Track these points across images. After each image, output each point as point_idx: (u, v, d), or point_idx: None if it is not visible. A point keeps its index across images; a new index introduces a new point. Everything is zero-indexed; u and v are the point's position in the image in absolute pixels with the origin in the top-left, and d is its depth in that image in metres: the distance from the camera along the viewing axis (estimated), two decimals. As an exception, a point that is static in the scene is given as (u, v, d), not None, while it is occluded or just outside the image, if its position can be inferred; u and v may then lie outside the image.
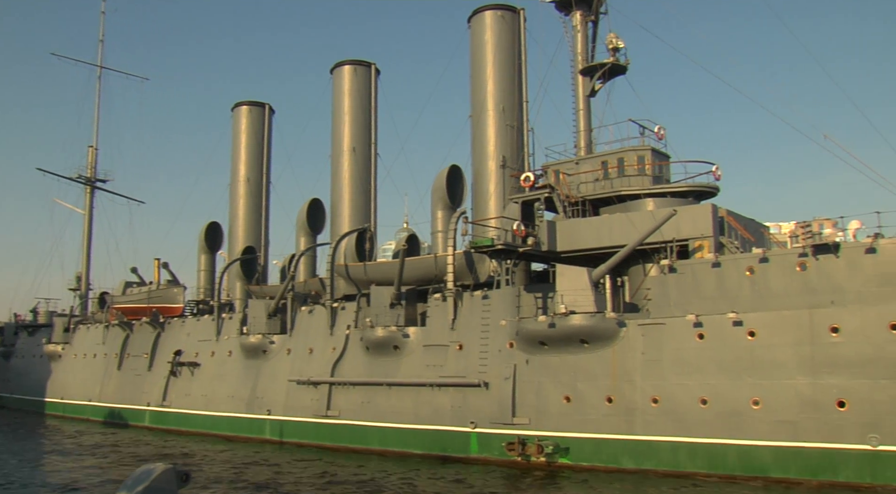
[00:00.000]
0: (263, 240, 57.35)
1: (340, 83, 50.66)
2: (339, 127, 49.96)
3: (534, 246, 33.46)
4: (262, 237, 57.39)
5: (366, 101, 50.56)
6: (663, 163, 36.20)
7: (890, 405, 25.46)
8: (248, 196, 57.33)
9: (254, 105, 59.34)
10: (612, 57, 38.69)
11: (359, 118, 50.00)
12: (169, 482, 7.47)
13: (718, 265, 28.88)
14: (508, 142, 40.69)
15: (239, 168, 58.02)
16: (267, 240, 57.85)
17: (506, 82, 41.76)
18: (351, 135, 49.60)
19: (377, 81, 51.71)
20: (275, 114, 60.39)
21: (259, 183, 58.20)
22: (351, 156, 49.15)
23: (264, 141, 58.87)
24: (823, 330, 26.65)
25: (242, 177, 57.62)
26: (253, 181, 57.81)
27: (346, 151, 49.25)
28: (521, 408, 32.47)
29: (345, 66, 50.80)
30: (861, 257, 26.26)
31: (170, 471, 7.52)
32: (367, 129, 50.32)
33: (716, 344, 28.38)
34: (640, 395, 29.69)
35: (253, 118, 58.83)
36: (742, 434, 27.66)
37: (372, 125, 50.74)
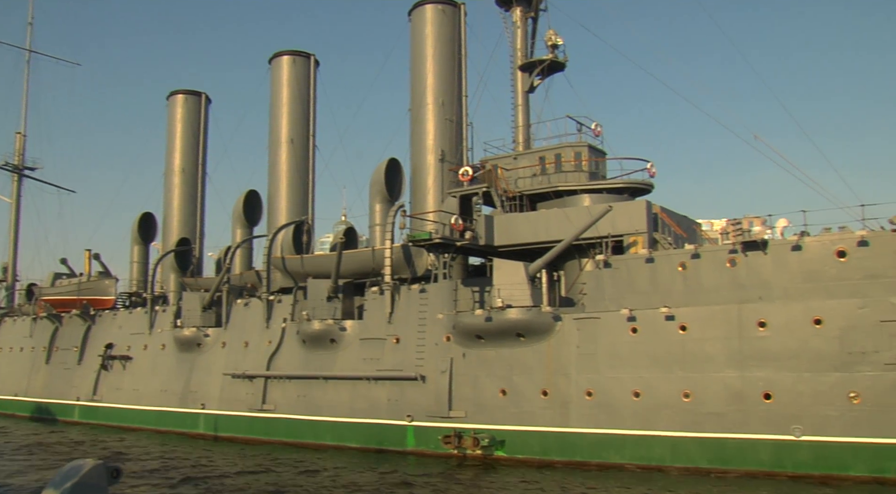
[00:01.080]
0: (198, 232, 56.46)
1: (279, 74, 50.14)
2: (277, 118, 49.46)
3: (471, 240, 33.62)
4: (198, 228, 56.50)
5: (304, 93, 50.15)
6: (599, 160, 36.73)
7: (812, 397, 26.31)
8: (183, 186, 56.36)
9: (190, 94, 58.29)
10: (551, 53, 39.06)
11: (297, 109, 49.57)
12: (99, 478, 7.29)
13: (652, 260, 29.43)
14: (447, 136, 40.82)
15: (174, 158, 56.96)
16: (202, 231, 57.00)
17: (446, 76, 41.85)
18: (289, 126, 49.14)
19: (316, 73, 51.36)
20: (211, 104, 59.43)
21: (194, 173, 57.24)
22: (289, 148, 48.69)
23: (200, 131, 57.89)
24: (751, 324, 27.38)
25: (177, 168, 56.59)
26: (188, 171, 56.83)
27: (283, 143, 48.78)
28: (458, 401, 32.64)
29: (283, 56, 50.30)
30: (787, 254, 27.05)
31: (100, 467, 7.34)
32: (305, 121, 49.92)
33: (648, 338, 28.94)
34: (574, 388, 30.11)
35: (189, 107, 57.78)
36: (673, 426, 28.28)
37: (310, 117, 50.34)
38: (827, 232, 27.07)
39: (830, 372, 26.13)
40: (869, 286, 25.78)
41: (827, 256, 26.43)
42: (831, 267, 26.32)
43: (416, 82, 42.20)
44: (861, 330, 25.85)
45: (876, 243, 25.79)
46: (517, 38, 40.08)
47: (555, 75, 39.92)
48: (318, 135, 50.69)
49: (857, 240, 26.02)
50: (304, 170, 49.09)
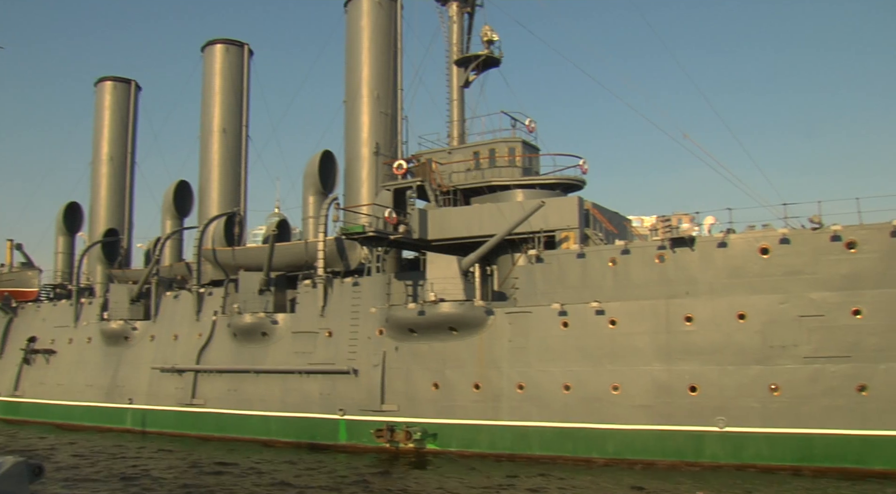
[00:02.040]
0: (127, 222, 55.11)
1: (211, 62, 49.23)
2: (209, 107, 48.57)
3: (405, 233, 33.60)
4: (126, 219, 55.14)
5: (237, 82, 49.36)
6: (533, 156, 37.06)
7: (736, 389, 27.07)
8: (112, 176, 54.93)
9: (119, 81, 56.80)
10: (487, 49, 39.20)
11: (230, 99, 48.76)
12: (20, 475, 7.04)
13: (583, 256, 29.85)
14: (382, 130, 40.64)
15: (101, 146, 55.45)
16: (131, 222, 55.64)
17: (381, 69, 41.64)
18: (221, 116, 48.31)
19: (250, 62, 50.55)
20: (141, 92, 58.05)
21: (123, 162, 55.82)
22: (221, 138, 47.89)
23: (129, 119, 56.49)
24: (678, 319, 28.02)
25: (105, 156, 55.12)
26: (117, 160, 55.41)
27: (215, 132, 47.95)
28: (390, 395, 32.65)
29: (216, 45, 49.37)
30: (713, 251, 27.73)
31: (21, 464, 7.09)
32: (238, 111, 49.14)
33: (579, 332, 29.36)
34: (506, 382, 30.39)
35: (117, 95, 56.32)
36: (602, 418, 28.78)
37: (243, 107, 49.55)
38: (751, 229, 27.82)
39: (753, 365, 26.93)
40: (790, 282, 26.62)
41: (751, 253, 27.18)
42: (755, 264, 27.07)
43: (351, 74, 41.89)
44: (782, 325, 26.68)
45: (797, 241, 26.62)
46: (453, 33, 40.10)
47: (490, 71, 40.11)
48: (251, 125, 49.96)
49: (779, 238, 26.82)
50: (236, 160, 48.35)
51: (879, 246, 25.67)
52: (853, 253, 25.91)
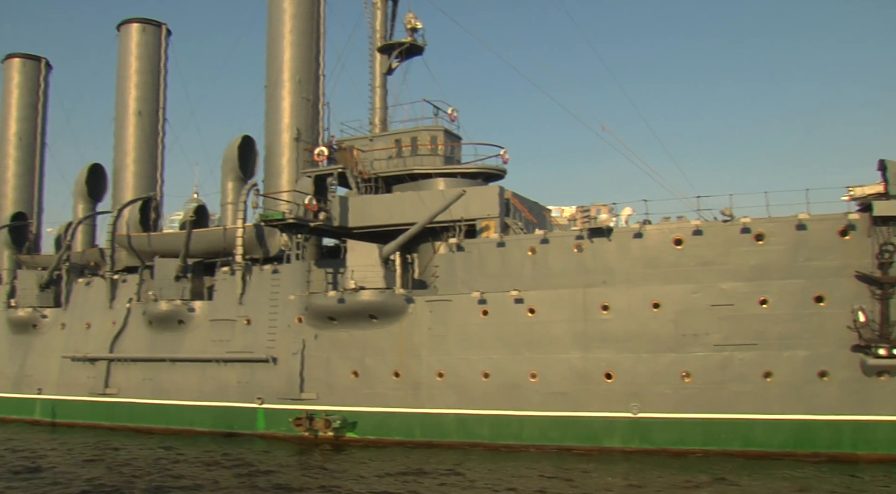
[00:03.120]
0: (36, 206, 53.03)
1: (127, 42, 47.72)
2: (125, 89, 47.12)
3: (325, 221, 33.38)
4: (35, 202, 53.02)
5: (154, 63, 47.99)
6: (455, 144, 37.18)
7: (649, 376, 27.81)
8: (19, 157, 52.74)
9: (28, 58, 54.46)
10: (410, 37, 39.07)
11: (146, 80, 47.38)
12: None
13: (503, 245, 30.12)
14: (303, 115, 40.09)
15: (9, 125, 53.12)
16: (40, 205, 53.57)
17: (303, 54, 41.01)
18: (137, 97, 46.91)
19: (168, 43, 49.19)
20: (52, 70, 55.87)
21: (32, 143, 53.61)
22: (137, 121, 46.55)
23: (39, 98, 54.26)
24: (595, 307, 28.58)
25: (13, 136, 52.87)
26: (25, 141, 53.22)
27: (131, 115, 46.57)
28: (310, 383, 32.47)
29: (132, 24, 47.85)
30: (630, 241, 28.33)
31: None
32: (154, 93, 47.80)
33: (498, 321, 29.67)
34: (426, 370, 30.53)
35: (26, 72, 54.01)
36: (520, 405, 29.19)
37: (160, 89, 48.23)
38: (666, 221, 28.52)
39: (666, 353, 27.69)
40: (702, 272, 27.41)
41: (665, 244, 27.87)
42: (669, 255, 27.78)
43: (273, 59, 41.15)
44: (694, 314, 27.49)
45: (709, 233, 27.40)
46: (376, 20, 39.81)
47: (413, 59, 39.99)
48: (168, 108, 48.66)
49: (692, 230, 27.57)
50: (152, 144, 47.07)
51: (786, 238, 26.63)
52: (761, 245, 26.83)
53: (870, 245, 25.89)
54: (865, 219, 25.92)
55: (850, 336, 26.17)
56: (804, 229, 26.46)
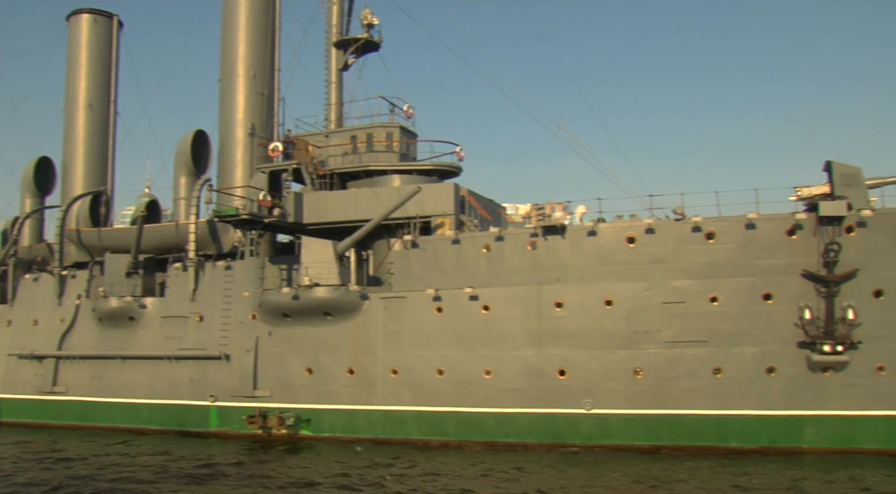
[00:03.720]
0: (-19, 200, 51.98)
1: (77, 33, 46.82)
2: (75, 80, 46.25)
3: (280, 217, 33.14)
4: (-20, 196, 51.95)
5: (105, 55, 47.17)
6: (410, 141, 37.16)
7: (602, 373, 28.10)
8: (-35, 150, 51.56)
9: (-27, 49, 53.24)
10: (366, 33, 39.00)
11: (97, 72, 46.55)
12: None
13: (458, 242, 30.18)
14: (258, 110, 39.71)
15: (-47, 118, 51.95)
16: (-14, 199, 52.50)
17: (258, 48, 40.59)
18: (87, 90, 46.10)
19: (119, 35, 48.39)
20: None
21: (-22, 136, 52.49)
22: (87, 114, 45.74)
23: (-14, 90, 53.13)
24: (549, 304, 28.78)
25: (-42, 129, 51.69)
26: (-29, 133, 52.07)
27: (81, 107, 45.75)
28: (263, 381, 32.24)
29: (83, 14, 46.98)
30: (583, 239, 28.58)
31: None
32: (106, 85, 47.00)
33: (453, 318, 29.73)
34: (380, 367, 30.50)
35: (-28, 64, 52.83)
36: (475, 402, 29.30)
37: (112, 81, 47.43)
38: (619, 219, 28.81)
39: (618, 350, 28.00)
40: (654, 270, 27.76)
41: (618, 242, 28.17)
42: (622, 253, 28.08)
43: (227, 52, 40.66)
44: (646, 311, 27.84)
45: (661, 231, 27.76)
46: (332, 15, 39.64)
47: (369, 55, 39.91)
48: (120, 101, 47.86)
49: (645, 228, 27.90)
50: (103, 137, 46.27)
51: (735, 237, 27.09)
52: (712, 244, 27.25)
53: (816, 244, 26.45)
54: (812, 218, 26.47)
55: (797, 332, 26.74)
56: (753, 228, 26.95)
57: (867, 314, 26.14)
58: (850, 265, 26.16)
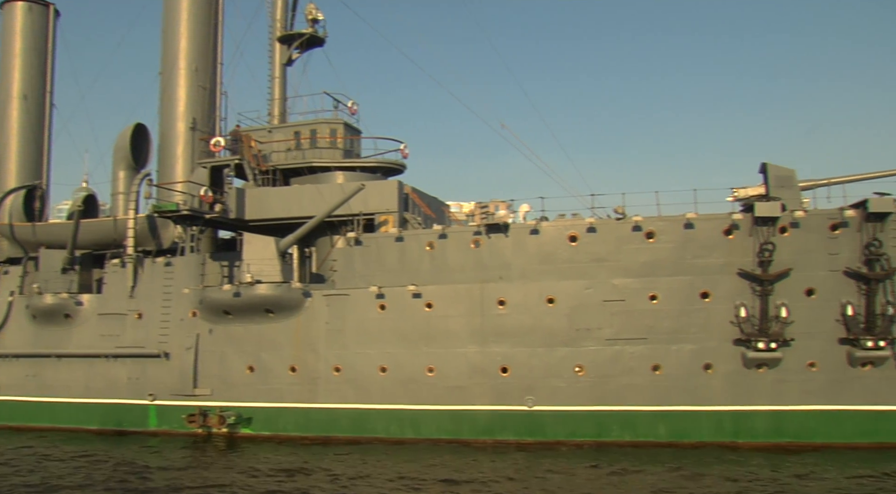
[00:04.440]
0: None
1: (11, 21, 45.44)
2: (8, 70, 44.89)
3: (221, 213, 32.75)
4: None
5: (41, 45, 45.85)
6: (354, 138, 36.99)
7: (544, 370, 28.38)
8: None
9: None
10: (311, 28, 38.64)
11: (32, 62, 45.23)
12: None
13: (401, 239, 30.15)
14: (200, 104, 39.13)
15: None
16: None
17: (200, 41, 39.97)
18: (22, 80, 44.77)
19: (56, 24, 47.09)
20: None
21: None
22: (21, 105, 44.43)
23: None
24: (492, 302, 28.95)
25: None
26: None
27: (14, 98, 44.42)
28: (204, 379, 31.83)
29: (17, 2, 45.53)
30: (526, 237, 28.79)
31: None
32: (41, 76, 45.70)
33: (396, 315, 29.72)
34: (323, 364, 30.35)
35: None
36: (418, 400, 29.35)
37: (48, 72, 46.13)
38: (561, 218, 29.11)
39: (560, 347, 28.29)
40: (595, 269, 28.10)
41: (560, 240, 28.45)
42: (564, 251, 28.37)
43: (168, 45, 39.96)
44: (587, 309, 28.18)
45: (602, 230, 28.11)
46: (277, 9, 39.18)
47: (314, 50, 39.58)
48: (56, 92, 46.63)
49: (586, 227, 28.22)
50: (38, 129, 45.00)
51: (674, 236, 27.58)
52: (651, 243, 27.70)
53: (751, 244, 27.07)
54: (748, 219, 27.07)
55: (733, 330, 27.36)
56: (691, 228, 27.46)
57: (799, 312, 26.90)
58: (783, 264, 26.85)
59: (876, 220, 26.47)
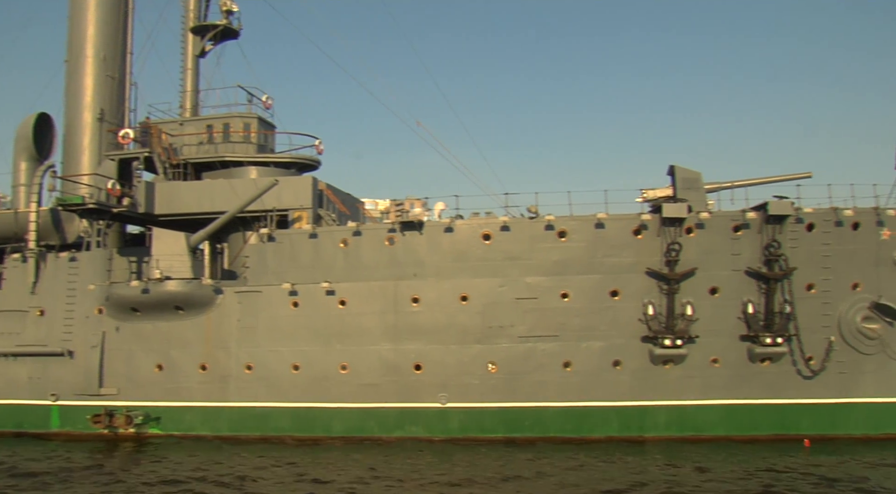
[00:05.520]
0: None
1: None
2: None
3: (129, 207, 31.91)
4: None
5: (-64, 29, 43.82)
6: (269, 133, 36.48)
7: (457, 367, 28.60)
8: None
9: None
10: (225, 19, 38.01)
11: (-74, 47, 43.19)
12: None
13: (315, 236, 29.91)
14: (108, 95, 37.89)
15: None
16: None
17: (109, 29, 38.65)
18: (-85, 65, 42.72)
19: (-47, 7, 45.08)
20: None
21: None
22: (-85, 91, 42.36)
23: None
24: (406, 300, 28.99)
25: None
26: None
27: None
28: (110, 378, 30.96)
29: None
30: (440, 235, 28.92)
31: None
32: (-64, 61, 43.69)
33: (309, 312, 29.49)
34: (234, 362, 29.91)
35: None
36: (331, 397, 29.21)
37: (-56, 57, 44.16)
38: (476, 216, 29.33)
39: (473, 345, 28.55)
40: (508, 267, 28.43)
41: (474, 238, 28.67)
42: (477, 249, 28.61)
43: (75, 32, 38.51)
44: (500, 307, 28.49)
45: (515, 229, 28.46)
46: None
47: (228, 42, 39.01)
48: (-47, 78, 44.59)
49: (500, 225, 28.51)
50: (-67, 117, 43.00)
51: (585, 235, 28.12)
52: (563, 242, 28.17)
53: (659, 244, 27.82)
54: (656, 219, 27.81)
55: (641, 327, 28.09)
56: (602, 227, 28.05)
57: (703, 310, 27.84)
58: (689, 264, 27.69)
59: (775, 222, 27.57)
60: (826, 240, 28.17)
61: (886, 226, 28.51)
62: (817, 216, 28.11)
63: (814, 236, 28.08)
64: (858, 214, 28.34)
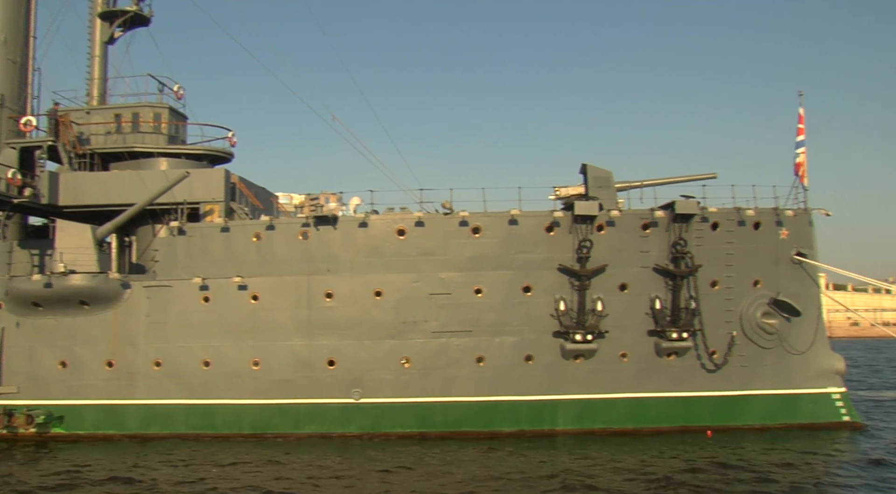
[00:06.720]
0: None
1: None
2: None
3: (31, 197, 30.75)
4: None
5: None
6: (180, 124, 35.69)
7: (371, 363, 28.58)
8: None
9: None
10: (135, 6, 37.00)
11: None
12: None
13: (227, 230, 29.42)
14: (9, 79, 36.30)
15: None
16: None
17: (10, 10, 36.94)
18: None
19: None
20: None
21: None
22: None
23: None
24: (319, 295, 28.81)
25: None
26: None
27: None
28: (9, 376, 29.82)
29: None
30: (355, 230, 28.81)
31: None
32: None
33: (220, 308, 29.02)
34: (142, 359, 29.22)
35: None
36: (242, 394, 28.84)
37: None
38: (390, 211, 29.33)
39: (387, 340, 28.57)
40: (422, 262, 28.53)
41: (389, 234, 28.67)
42: (392, 244, 28.61)
43: (-27, 12, 36.87)
44: (414, 302, 28.58)
45: (430, 224, 28.57)
46: (99, -17, 37.14)
47: (138, 30, 37.91)
48: None
49: (414, 221, 28.58)
50: None
51: (499, 232, 28.44)
52: (477, 238, 28.42)
53: (571, 240, 28.32)
54: (568, 217, 28.30)
55: (553, 323, 28.58)
56: (516, 224, 28.41)
57: (613, 306, 28.47)
58: (599, 261, 28.28)
59: (682, 221, 28.40)
60: (729, 238, 29.22)
61: (785, 226, 29.75)
62: (721, 215, 29.10)
63: (718, 235, 29.07)
64: (760, 214, 29.48)
